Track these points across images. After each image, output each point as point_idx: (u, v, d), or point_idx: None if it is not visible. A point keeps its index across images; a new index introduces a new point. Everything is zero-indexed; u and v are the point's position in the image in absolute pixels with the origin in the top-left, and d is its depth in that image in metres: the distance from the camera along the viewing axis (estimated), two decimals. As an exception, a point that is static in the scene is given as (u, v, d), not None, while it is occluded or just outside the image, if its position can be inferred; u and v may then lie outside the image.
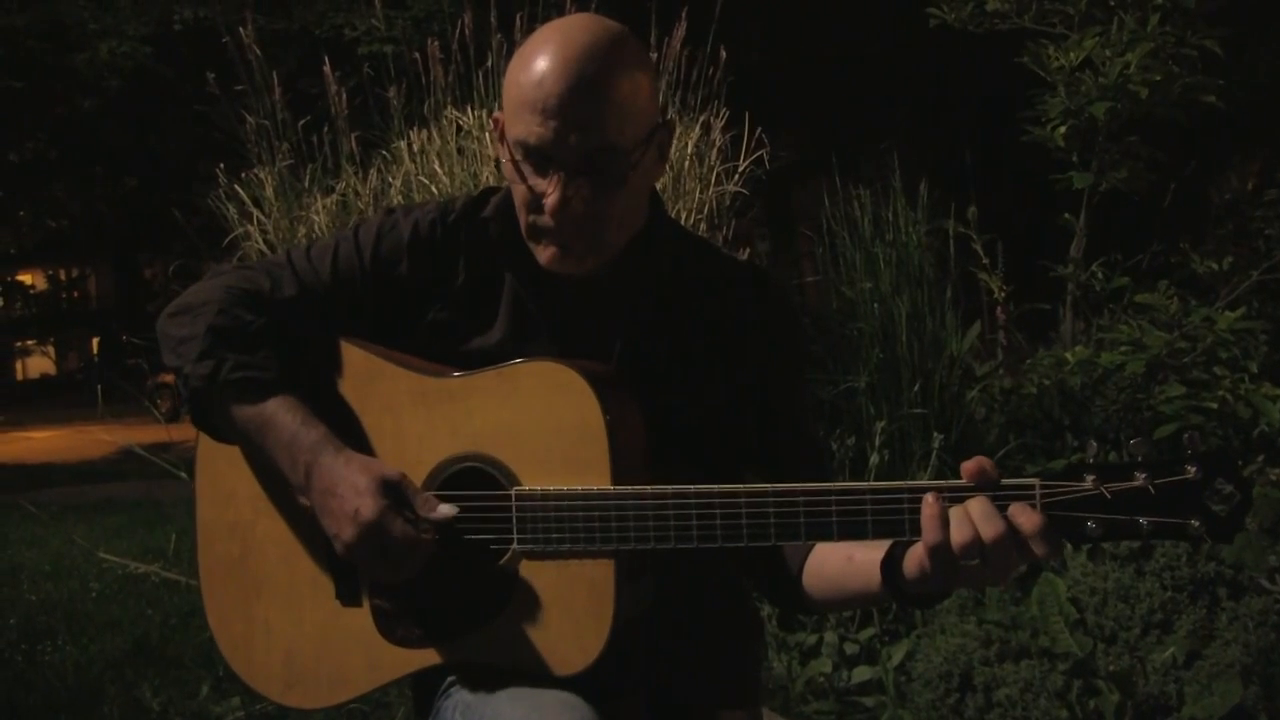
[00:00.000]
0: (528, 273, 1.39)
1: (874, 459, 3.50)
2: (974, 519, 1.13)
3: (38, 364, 37.26)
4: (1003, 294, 4.63)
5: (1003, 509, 1.13)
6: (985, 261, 4.60)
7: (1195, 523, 1.10)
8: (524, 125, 1.27)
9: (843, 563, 1.29)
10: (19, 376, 36.97)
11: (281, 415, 1.31)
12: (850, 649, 3.16)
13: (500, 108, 1.36)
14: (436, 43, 4.14)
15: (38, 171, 18.11)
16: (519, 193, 1.32)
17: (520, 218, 1.34)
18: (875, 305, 3.97)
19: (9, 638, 4.34)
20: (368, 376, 1.37)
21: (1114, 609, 2.88)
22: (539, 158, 1.28)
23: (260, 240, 4.05)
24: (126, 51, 11.10)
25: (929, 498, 1.15)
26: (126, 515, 7.38)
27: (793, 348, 1.47)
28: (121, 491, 8.44)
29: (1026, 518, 1.12)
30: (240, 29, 4.22)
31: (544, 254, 1.34)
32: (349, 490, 1.25)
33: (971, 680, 2.76)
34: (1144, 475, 1.11)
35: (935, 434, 3.63)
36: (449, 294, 1.42)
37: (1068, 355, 4.10)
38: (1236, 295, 4.52)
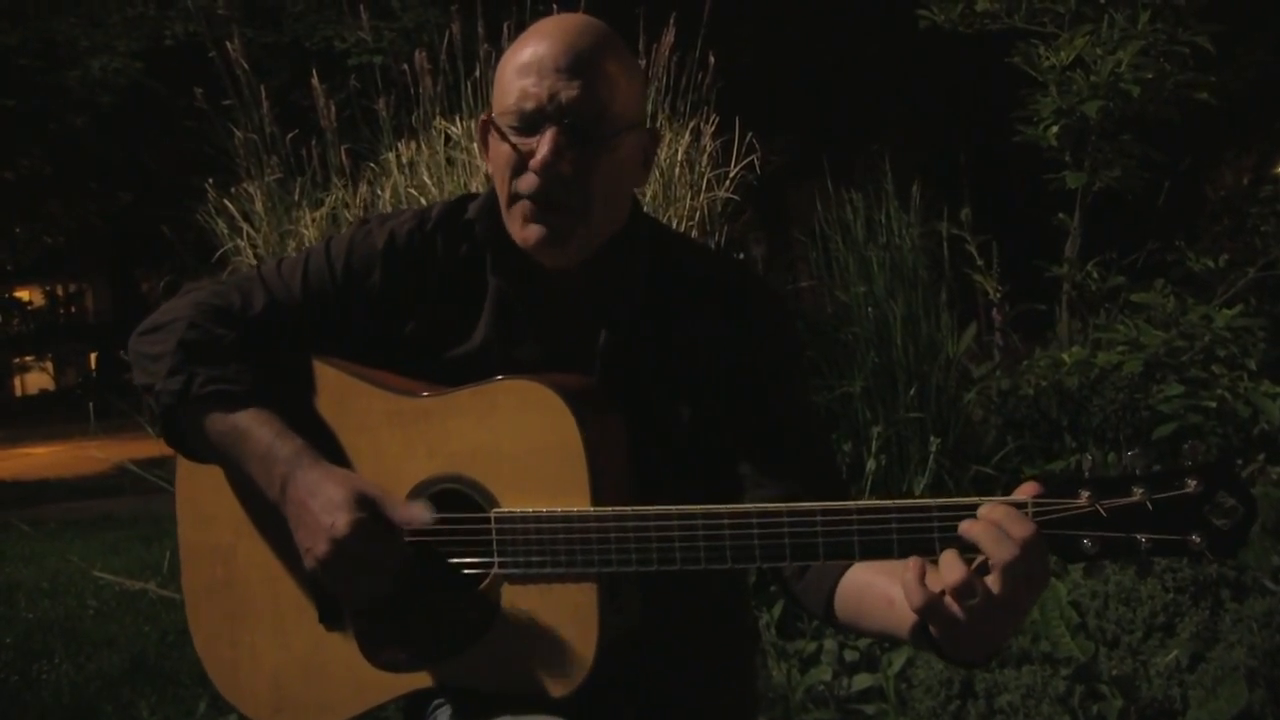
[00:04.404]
0: (513, 271, 1.37)
1: (871, 464, 3.48)
2: (951, 596, 1.07)
3: (36, 380, 37.24)
4: (998, 295, 4.62)
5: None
6: (980, 263, 4.59)
7: (1196, 539, 1.06)
8: (518, 92, 1.29)
9: (884, 606, 1.23)
10: (17, 392, 36.96)
11: (256, 428, 1.29)
12: (850, 656, 3.13)
13: (488, 110, 1.36)
14: (424, 53, 4.12)
15: (33, 188, 18.12)
16: (503, 155, 1.31)
17: (503, 190, 1.33)
18: (869, 309, 3.95)
19: (6, 657, 4.32)
20: (341, 396, 1.35)
21: (1116, 612, 2.86)
22: (529, 121, 1.28)
23: (250, 254, 4.03)
24: (118, 68, 11.09)
25: (909, 564, 1.09)
26: (124, 531, 7.35)
27: (783, 344, 1.43)
28: (119, 507, 8.42)
29: (1019, 527, 1.07)
30: (227, 43, 4.20)
31: (525, 232, 1.31)
32: (324, 504, 1.23)
33: (973, 687, 2.73)
34: (1141, 490, 1.07)
35: (932, 438, 3.60)
36: (426, 304, 1.39)
37: (1064, 356, 4.08)
38: (1234, 292, 4.51)
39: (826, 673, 3.07)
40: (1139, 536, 1.07)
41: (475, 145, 3.88)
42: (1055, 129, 4.52)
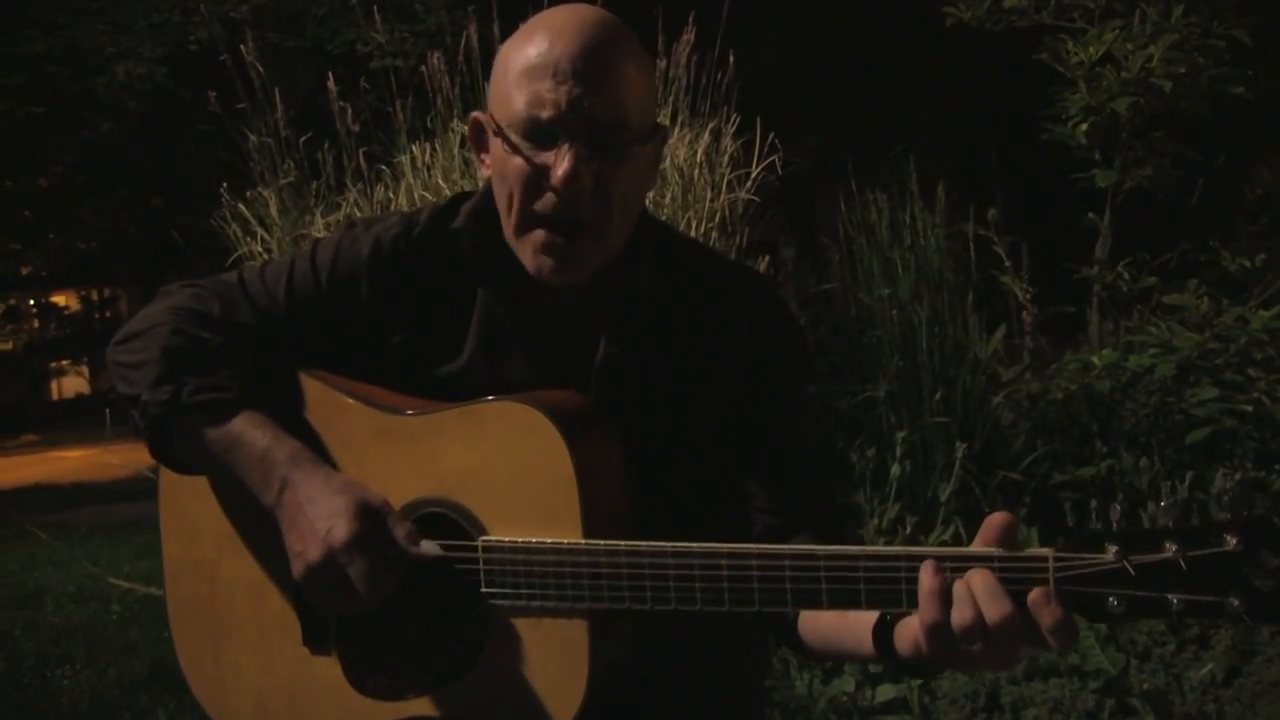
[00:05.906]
0: (503, 284, 1.28)
1: (895, 470, 3.42)
2: (977, 598, 1.00)
3: (72, 384, 37.68)
4: (1027, 297, 4.52)
5: (1012, 585, 1.00)
6: (1008, 264, 4.50)
7: (1235, 601, 0.96)
8: (531, 95, 1.15)
9: (835, 618, 1.18)
10: (54, 396, 37.47)
11: (250, 432, 1.23)
12: (874, 667, 3.07)
13: (486, 106, 1.25)
14: (440, 56, 4.09)
15: (66, 195, 18.35)
16: (515, 171, 1.18)
17: (512, 208, 1.20)
18: (894, 312, 3.88)
19: (28, 662, 4.33)
20: (326, 411, 1.29)
21: (1147, 623, 2.78)
22: (545, 132, 1.16)
23: (265, 259, 4.02)
24: (143, 73, 11.19)
25: (927, 568, 1.03)
26: (152, 535, 7.33)
27: (790, 363, 1.34)
28: (148, 512, 8.43)
29: (1047, 611, 0.99)
30: (241, 46, 4.19)
31: (538, 261, 1.21)
32: (324, 510, 1.17)
33: (999, 700, 2.67)
34: (1174, 546, 0.97)
35: (958, 443, 3.53)
36: (414, 316, 1.32)
37: (1095, 359, 3.99)
38: (1270, 293, 4.39)
39: (849, 684, 3.01)
40: (1171, 596, 0.98)
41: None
42: (1084, 126, 4.43)
